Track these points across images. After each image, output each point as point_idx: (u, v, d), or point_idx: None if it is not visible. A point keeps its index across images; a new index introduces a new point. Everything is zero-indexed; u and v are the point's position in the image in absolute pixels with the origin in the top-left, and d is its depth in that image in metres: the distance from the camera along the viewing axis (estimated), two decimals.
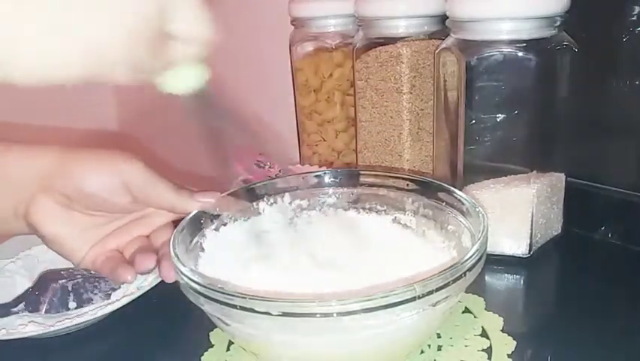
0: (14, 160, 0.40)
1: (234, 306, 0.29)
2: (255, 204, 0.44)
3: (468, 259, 0.31)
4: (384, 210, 0.45)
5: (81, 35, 0.24)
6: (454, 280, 0.30)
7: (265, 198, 0.45)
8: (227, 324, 0.32)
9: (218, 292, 0.30)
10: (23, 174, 0.39)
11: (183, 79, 0.31)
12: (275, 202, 0.45)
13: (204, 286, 0.31)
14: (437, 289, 0.29)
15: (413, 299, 0.28)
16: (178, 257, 0.34)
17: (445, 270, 0.30)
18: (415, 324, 0.31)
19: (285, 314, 0.28)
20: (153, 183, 0.39)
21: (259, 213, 0.44)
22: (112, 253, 0.41)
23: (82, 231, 0.40)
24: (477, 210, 0.37)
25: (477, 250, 0.32)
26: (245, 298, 0.29)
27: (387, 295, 0.28)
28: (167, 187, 0.40)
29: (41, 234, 0.39)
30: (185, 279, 0.32)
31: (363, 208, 0.46)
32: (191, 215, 0.40)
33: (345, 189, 0.46)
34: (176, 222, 0.40)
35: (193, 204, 0.40)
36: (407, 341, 0.33)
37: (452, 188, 0.40)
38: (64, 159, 0.39)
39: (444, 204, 0.41)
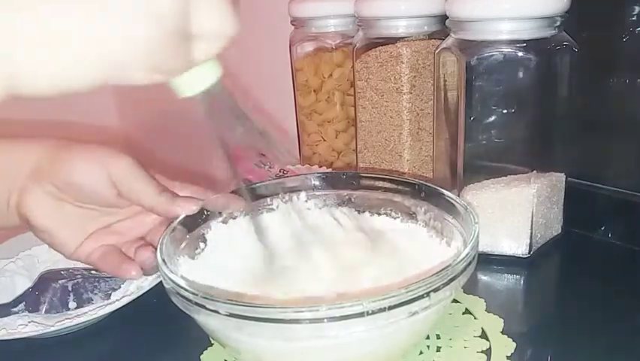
0: (4, 153, 0.40)
1: (190, 301, 0.30)
2: (269, 200, 0.45)
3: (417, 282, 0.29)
4: (398, 216, 0.45)
5: (100, 38, 0.23)
6: (399, 305, 0.28)
7: (280, 196, 0.45)
8: (196, 319, 0.32)
9: (179, 285, 0.31)
10: (14, 167, 0.39)
11: (200, 79, 0.30)
12: (290, 200, 0.46)
13: (170, 280, 0.32)
14: (389, 308, 0.28)
15: (361, 315, 0.27)
16: (161, 249, 0.35)
17: (390, 293, 0.28)
18: (370, 339, 0.30)
19: (232, 315, 0.28)
20: (137, 181, 0.39)
21: (272, 210, 0.45)
22: (109, 248, 0.41)
23: (73, 223, 0.40)
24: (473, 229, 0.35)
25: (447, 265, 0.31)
26: (197, 295, 0.29)
27: (338, 307, 0.27)
28: (149, 188, 0.39)
29: (32, 225, 0.39)
30: (162, 274, 0.33)
31: (373, 212, 0.46)
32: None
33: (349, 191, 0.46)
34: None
35: (173, 210, 0.39)
36: (376, 354, 0.32)
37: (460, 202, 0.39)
38: (55, 151, 0.39)
39: (452, 217, 0.40)
